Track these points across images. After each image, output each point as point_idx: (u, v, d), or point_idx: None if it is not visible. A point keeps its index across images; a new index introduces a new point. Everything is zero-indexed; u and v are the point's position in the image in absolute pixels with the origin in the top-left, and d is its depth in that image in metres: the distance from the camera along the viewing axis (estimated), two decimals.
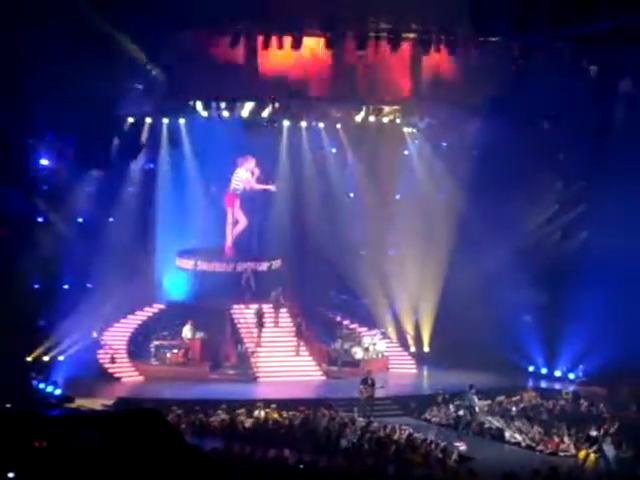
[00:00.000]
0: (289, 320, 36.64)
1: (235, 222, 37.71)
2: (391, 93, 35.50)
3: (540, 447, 28.36)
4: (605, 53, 31.92)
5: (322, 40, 33.44)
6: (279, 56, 33.56)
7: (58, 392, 30.24)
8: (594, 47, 31.99)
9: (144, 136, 35.78)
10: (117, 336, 35.63)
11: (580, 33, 30.89)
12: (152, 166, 37.24)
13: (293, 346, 35.81)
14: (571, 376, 34.75)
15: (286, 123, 37.56)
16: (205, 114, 35.54)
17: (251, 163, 37.43)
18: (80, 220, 34.33)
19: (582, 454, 27.28)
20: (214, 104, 35.13)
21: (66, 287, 33.49)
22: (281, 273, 37.85)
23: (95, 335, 34.77)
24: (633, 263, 31.55)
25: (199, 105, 34.92)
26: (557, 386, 34.09)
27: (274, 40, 32.93)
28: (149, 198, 37.24)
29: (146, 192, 37.19)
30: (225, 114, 35.60)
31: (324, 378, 35.15)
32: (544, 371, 35.26)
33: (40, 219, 32.81)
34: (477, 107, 34.66)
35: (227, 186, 37.31)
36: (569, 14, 30.61)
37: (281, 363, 35.22)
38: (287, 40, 32.91)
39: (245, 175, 37.33)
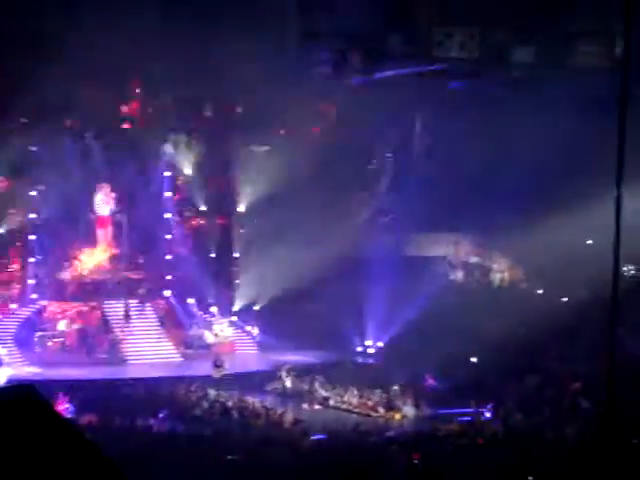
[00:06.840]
0: (153, 312, 41.38)
1: (107, 243, 42.25)
2: None
3: (357, 410, 33.44)
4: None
5: None
6: None
7: None
8: None
9: None
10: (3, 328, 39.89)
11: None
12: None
13: (156, 333, 40.39)
14: (371, 351, 40.05)
15: None
16: None
17: (107, 189, 41.64)
18: None
19: (390, 415, 32.87)
20: None
21: None
22: (147, 275, 42.74)
23: None
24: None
25: None
26: (370, 361, 39.32)
27: None
28: None
29: None
30: None
31: (182, 360, 39.26)
32: (360, 349, 40.31)
33: None
34: None
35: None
36: None
37: (146, 348, 39.55)
38: None
39: (102, 199, 41.62)
